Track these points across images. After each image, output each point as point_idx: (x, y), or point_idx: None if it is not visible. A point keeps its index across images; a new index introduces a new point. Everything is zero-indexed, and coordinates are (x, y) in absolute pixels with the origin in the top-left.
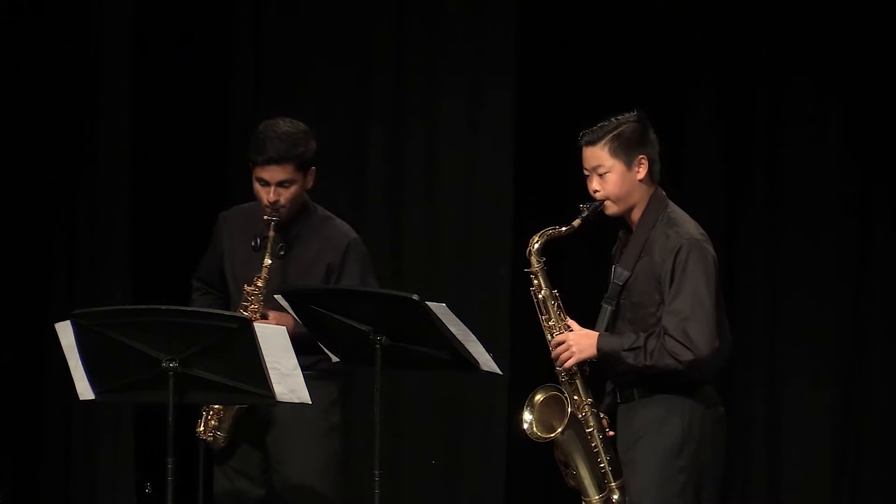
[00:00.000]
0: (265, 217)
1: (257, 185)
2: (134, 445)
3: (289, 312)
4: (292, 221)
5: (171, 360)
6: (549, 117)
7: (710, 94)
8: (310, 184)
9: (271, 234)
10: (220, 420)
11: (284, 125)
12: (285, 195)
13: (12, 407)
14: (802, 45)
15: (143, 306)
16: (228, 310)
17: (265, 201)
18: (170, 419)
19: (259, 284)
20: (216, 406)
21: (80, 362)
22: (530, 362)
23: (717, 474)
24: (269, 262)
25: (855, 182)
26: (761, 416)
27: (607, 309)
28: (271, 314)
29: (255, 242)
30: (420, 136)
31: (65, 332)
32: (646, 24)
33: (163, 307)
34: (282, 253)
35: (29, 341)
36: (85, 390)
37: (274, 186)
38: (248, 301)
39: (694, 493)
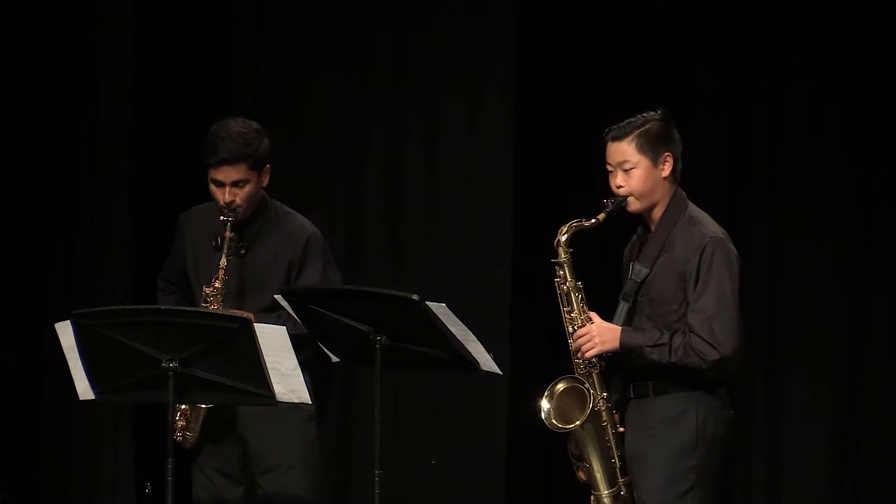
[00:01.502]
0: (221, 217)
1: (212, 187)
2: (134, 445)
3: (249, 307)
4: (251, 220)
5: (171, 360)
6: (549, 117)
7: (711, 95)
8: (265, 182)
9: (228, 234)
10: (188, 419)
11: (236, 125)
12: (241, 195)
13: (12, 407)
14: (803, 46)
15: (143, 306)
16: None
17: (221, 202)
18: (170, 419)
19: (217, 285)
20: (182, 408)
21: (80, 362)
22: (530, 362)
23: (721, 476)
24: (225, 262)
25: (855, 182)
26: (761, 416)
27: (624, 305)
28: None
29: (216, 242)
30: (420, 137)
31: (65, 332)
32: (646, 24)
33: (163, 307)
34: (242, 252)
35: (29, 341)
36: (85, 390)
37: (229, 187)
38: (207, 302)
39: (700, 494)
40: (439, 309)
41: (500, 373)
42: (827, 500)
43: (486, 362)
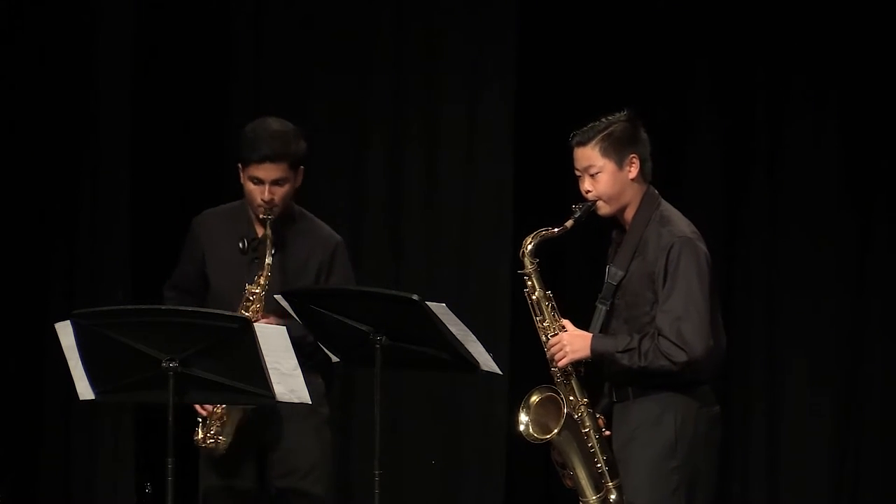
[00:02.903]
0: (261, 216)
1: (250, 185)
2: (134, 445)
3: (289, 313)
4: (279, 222)
5: (171, 360)
6: (549, 118)
7: (710, 95)
8: (299, 182)
9: (269, 232)
10: (222, 425)
11: (275, 124)
12: (279, 193)
13: (12, 407)
14: (802, 47)
15: (143, 306)
16: None
17: (258, 200)
18: (170, 419)
19: (262, 282)
20: (217, 412)
21: (80, 362)
22: (530, 362)
23: (710, 474)
24: (270, 260)
25: (854, 182)
26: (761, 416)
27: (601, 309)
28: (272, 318)
29: (243, 244)
30: (420, 137)
31: (65, 332)
32: (646, 24)
33: (163, 307)
34: (273, 253)
35: (29, 341)
36: (85, 390)
37: (268, 185)
38: (249, 301)
39: (687, 493)
40: (439, 309)
41: (500, 373)
42: (826, 500)
43: (486, 362)
